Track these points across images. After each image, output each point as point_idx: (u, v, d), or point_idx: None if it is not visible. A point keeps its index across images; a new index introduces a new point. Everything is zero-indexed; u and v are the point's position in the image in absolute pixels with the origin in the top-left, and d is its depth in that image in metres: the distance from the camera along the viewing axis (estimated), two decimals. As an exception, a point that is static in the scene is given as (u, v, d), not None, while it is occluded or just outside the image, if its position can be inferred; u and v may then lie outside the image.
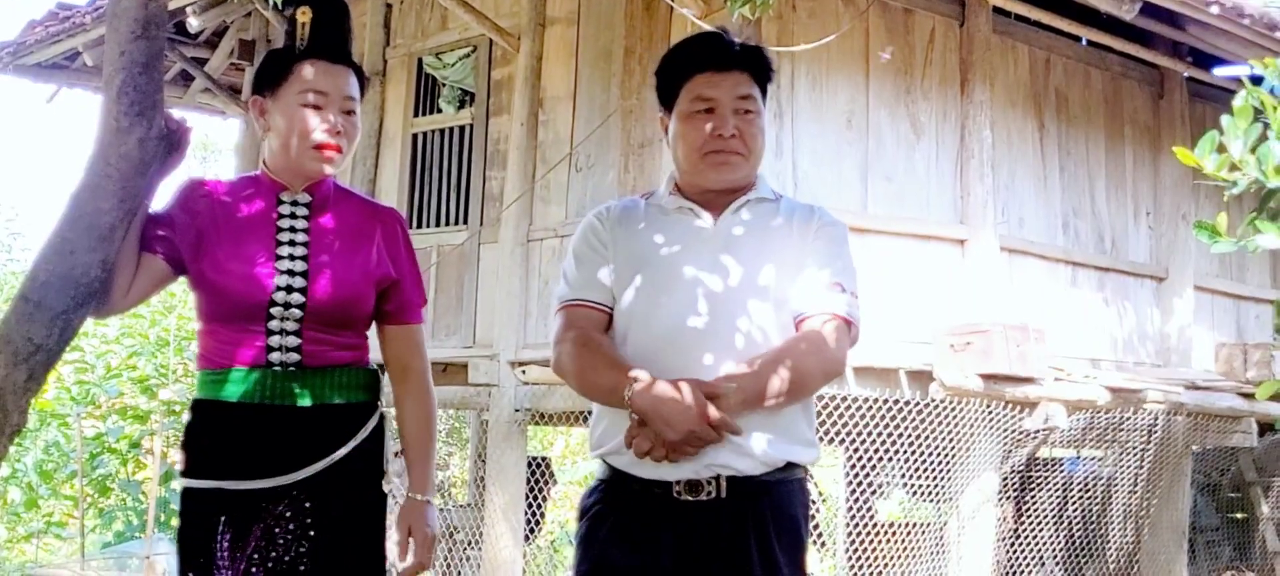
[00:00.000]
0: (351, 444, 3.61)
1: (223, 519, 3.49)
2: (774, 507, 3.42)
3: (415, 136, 10.45)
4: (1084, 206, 10.52)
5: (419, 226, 10.22)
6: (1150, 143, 11.09)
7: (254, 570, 3.48)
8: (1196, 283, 11.10)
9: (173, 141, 3.51)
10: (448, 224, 10.03)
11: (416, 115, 10.46)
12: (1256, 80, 6.13)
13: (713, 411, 3.25)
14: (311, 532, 3.53)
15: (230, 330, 3.58)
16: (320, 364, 3.61)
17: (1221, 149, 5.88)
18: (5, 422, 3.37)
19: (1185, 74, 11.10)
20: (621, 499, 3.47)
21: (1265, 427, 11.14)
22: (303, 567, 3.52)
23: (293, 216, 3.68)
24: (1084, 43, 10.57)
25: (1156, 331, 10.87)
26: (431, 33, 10.47)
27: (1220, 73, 11.13)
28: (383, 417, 3.76)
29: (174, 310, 18.07)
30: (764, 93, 3.64)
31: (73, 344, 3.58)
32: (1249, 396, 10.14)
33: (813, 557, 14.18)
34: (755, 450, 3.38)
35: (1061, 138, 10.42)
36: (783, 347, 3.42)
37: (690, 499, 3.37)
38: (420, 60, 10.50)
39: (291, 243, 3.64)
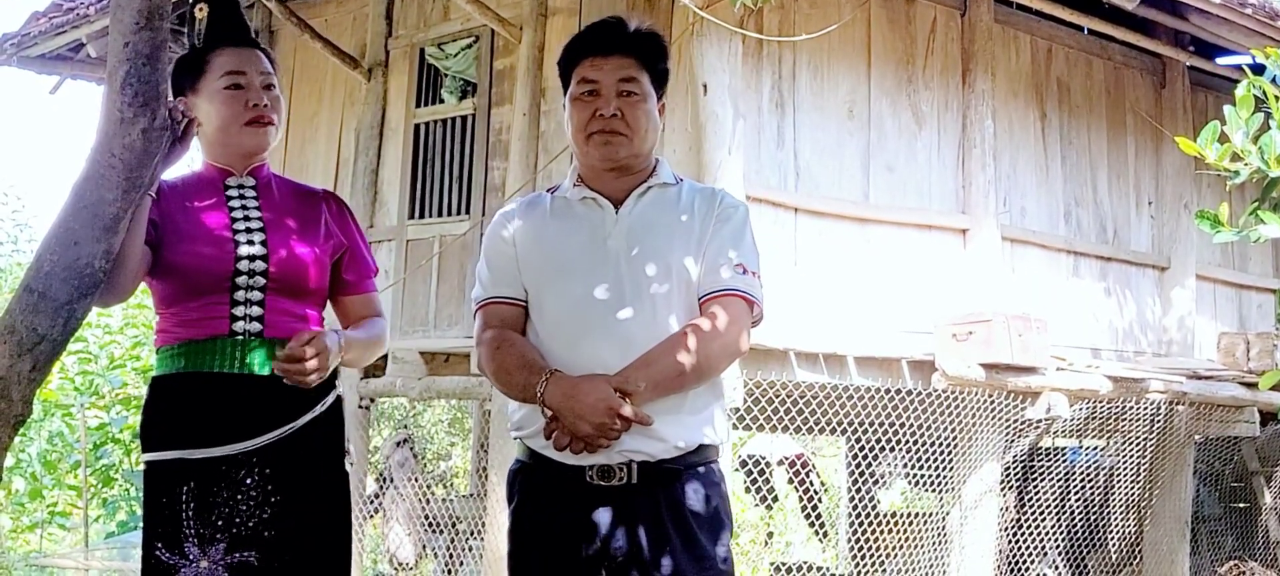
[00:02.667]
0: (311, 414, 3.70)
1: (186, 488, 3.56)
2: (688, 491, 3.54)
3: (417, 127, 10.43)
4: (1086, 196, 10.53)
5: (421, 216, 10.22)
6: (1152, 132, 11.09)
7: (219, 536, 3.55)
8: (1198, 272, 11.11)
9: (177, 132, 3.54)
10: (450, 214, 10.02)
11: (418, 106, 10.44)
12: (1258, 69, 6.15)
13: (622, 405, 3.37)
14: (273, 499, 3.61)
15: (194, 307, 3.67)
16: (281, 334, 3.70)
17: (1223, 139, 5.90)
18: (10, 413, 3.39)
19: (1187, 63, 11.10)
20: (539, 487, 3.60)
21: (1268, 417, 11.13)
22: (268, 533, 3.60)
23: (242, 196, 3.83)
24: (1086, 32, 10.56)
25: (1158, 321, 10.89)
26: (433, 23, 10.45)
27: (1222, 62, 11.14)
28: (340, 399, 3.84)
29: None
30: (657, 77, 3.74)
31: (76, 334, 3.59)
32: (1251, 386, 10.15)
33: (814, 547, 14.21)
34: (665, 434, 3.50)
35: (1063, 127, 10.42)
36: (688, 331, 3.54)
37: (603, 484, 3.49)
38: (422, 50, 10.49)
39: (246, 217, 3.77)
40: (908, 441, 9.32)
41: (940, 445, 9.17)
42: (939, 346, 8.67)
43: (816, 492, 13.27)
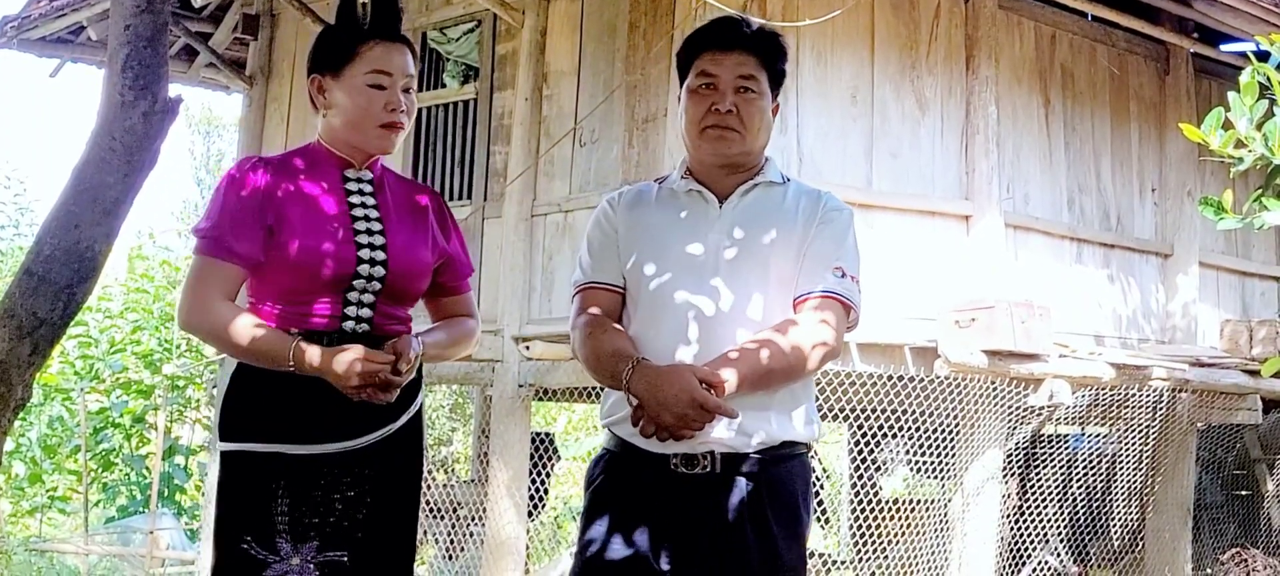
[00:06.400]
0: (409, 414, 3.71)
1: (283, 482, 3.52)
2: (769, 485, 3.54)
3: (419, 111, 10.41)
4: (1089, 183, 10.51)
5: (423, 202, 10.20)
6: (1156, 119, 11.07)
7: (313, 533, 3.53)
8: (1202, 259, 11.09)
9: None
10: (452, 198, 10.01)
11: (421, 90, 10.42)
12: (1263, 56, 6.12)
13: (706, 397, 3.34)
14: (368, 499, 3.60)
15: (306, 302, 3.62)
16: (385, 334, 3.69)
17: (1227, 125, 5.88)
18: (10, 396, 3.38)
19: (1191, 50, 11.07)
20: (623, 471, 3.63)
21: (1270, 405, 11.12)
22: (359, 533, 3.59)
23: (360, 193, 3.76)
24: (1090, 18, 10.54)
25: (1161, 308, 10.87)
26: (435, 7, 10.44)
27: (1227, 49, 11.11)
28: (422, 403, 3.84)
29: (178, 285, 18.08)
30: (775, 78, 3.73)
31: (77, 318, 3.57)
32: (1254, 373, 10.12)
33: (816, 535, 14.19)
34: (750, 429, 3.51)
35: (1067, 114, 10.40)
36: (780, 329, 3.53)
37: (686, 472, 3.51)
38: (424, 35, 10.48)
39: (366, 217, 3.72)
40: (910, 428, 9.31)
41: (943, 432, 9.17)
42: (942, 333, 8.66)
43: (818, 479, 13.25)
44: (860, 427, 9.43)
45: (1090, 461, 11.04)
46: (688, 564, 3.49)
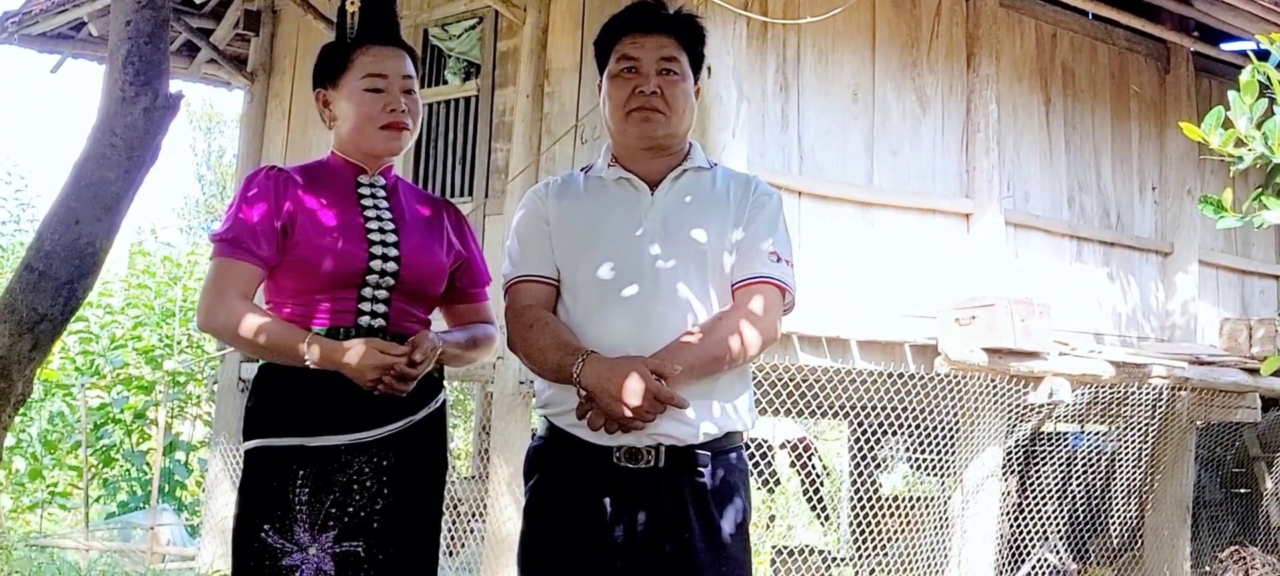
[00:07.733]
0: (428, 409, 3.75)
1: (302, 473, 3.56)
2: (713, 477, 3.55)
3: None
4: (1089, 181, 10.52)
5: (424, 198, 10.19)
6: (1156, 118, 11.08)
7: (331, 524, 3.57)
8: (1201, 258, 11.10)
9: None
10: (453, 195, 10.00)
11: (422, 87, 10.41)
12: (1263, 55, 6.13)
13: (659, 388, 3.37)
14: (385, 491, 3.64)
15: (320, 300, 3.68)
16: (403, 331, 3.73)
17: (1227, 124, 5.90)
18: (10, 392, 3.38)
19: (1191, 49, 11.08)
20: (563, 466, 3.60)
21: (1269, 403, 11.11)
22: (376, 524, 3.62)
23: (373, 196, 3.84)
24: (1091, 17, 10.54)
25: (1161, 306, 10.88)
26: (437, 4, 10.43)
27: (1227, 48, 11.11)
28: (445, 401, 3.89)
29: (179, 281, 18.09)
30: (695, 60, 3.76)
31: (77, 314, 3.58)
32: (1253, 371, 10.13)
33: (816, 531, 14.20)
34: (695, 419, 3.50)
35: (1067, 112, 10.41)
36: (722, 317, 3.57)
37: (629, 466, 3.49)
38: (426, 32, 10.47)
39: (378, 218, 3.79)
40: (910, 425, 9.31)
41: (942, 429, 9.16)
42: (942, 330, 8.66)
43: (819, 476, 13.25)
44: (860, 425, 9.44)
45: (1090, 459, 11.04)
46: (633, 559, 3.48)
